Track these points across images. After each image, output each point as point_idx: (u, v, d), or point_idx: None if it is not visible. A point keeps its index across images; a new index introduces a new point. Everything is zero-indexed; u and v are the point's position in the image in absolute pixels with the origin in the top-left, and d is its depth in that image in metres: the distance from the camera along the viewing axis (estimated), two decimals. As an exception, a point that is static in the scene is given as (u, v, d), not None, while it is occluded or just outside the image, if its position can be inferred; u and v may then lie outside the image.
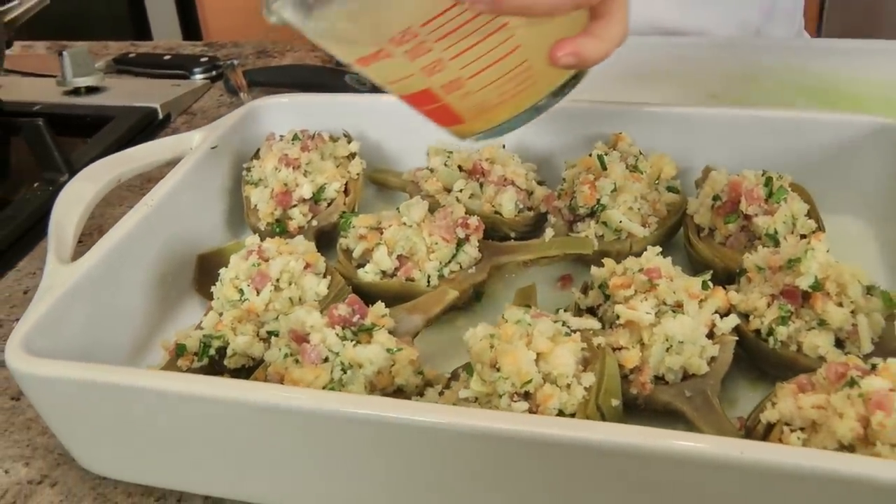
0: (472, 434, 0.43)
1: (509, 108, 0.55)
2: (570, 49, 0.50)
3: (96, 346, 0.59)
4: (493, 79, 0.52)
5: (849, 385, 0.47)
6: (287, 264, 0.60)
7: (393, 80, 0.52)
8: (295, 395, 0.46)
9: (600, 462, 0.43)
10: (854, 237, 0.70)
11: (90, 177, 0.67)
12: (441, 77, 0.51)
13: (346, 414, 0.45)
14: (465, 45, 0.49)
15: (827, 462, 0.41)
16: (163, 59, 1.14)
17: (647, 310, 0.54)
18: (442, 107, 0.54)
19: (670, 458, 0.42)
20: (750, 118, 0.72)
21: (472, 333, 0.51)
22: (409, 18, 0.47)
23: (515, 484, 0.45)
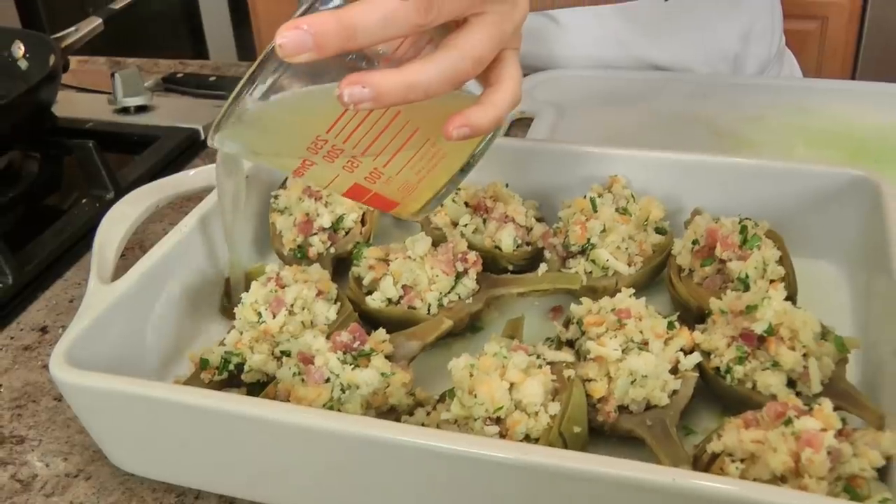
0: (425, 450, 0.51)
1: (432, 182, 0.59)
2: (460, 122, 0.53)
3: (130, 357, 0.67)
4: (405, 162, 0.57)
5: (785, 424, 0.53)
6: (301, 292, 0.67)
7: (326, 183, 0.58)
8: (291, 413, 0.53)
9: (549, 484, 0.49)
10: (827, 282, 0.75)
11: (131, 202, 0.75)
12: (361, 171, 0.56)
13: (333, 430, 0.52)
14: (369, 139, 0.54)
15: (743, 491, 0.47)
16: (208, 80, 1.22)
17: (614, 346, 0.60)
18: (375, 196, 0.59)
19: (613, 482, 0.48)
20: (736, 165, 0.77)
21: (455, 363, 0.58)
22: (313, 129, 0.53)
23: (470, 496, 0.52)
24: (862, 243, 0.73)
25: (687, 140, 0.99)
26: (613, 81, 1.14)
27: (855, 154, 0.94)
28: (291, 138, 0.54)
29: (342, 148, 0.54)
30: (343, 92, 0.49)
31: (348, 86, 0.49)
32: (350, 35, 0.48)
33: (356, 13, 0.48)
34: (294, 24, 0.47)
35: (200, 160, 1.07)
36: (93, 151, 0.94)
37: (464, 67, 0.52)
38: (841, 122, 0.99)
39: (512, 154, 0.83)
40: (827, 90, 1.09)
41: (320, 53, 0.47)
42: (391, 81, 0.49)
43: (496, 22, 0.53)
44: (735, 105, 1.06)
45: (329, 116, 0.52)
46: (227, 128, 0.53)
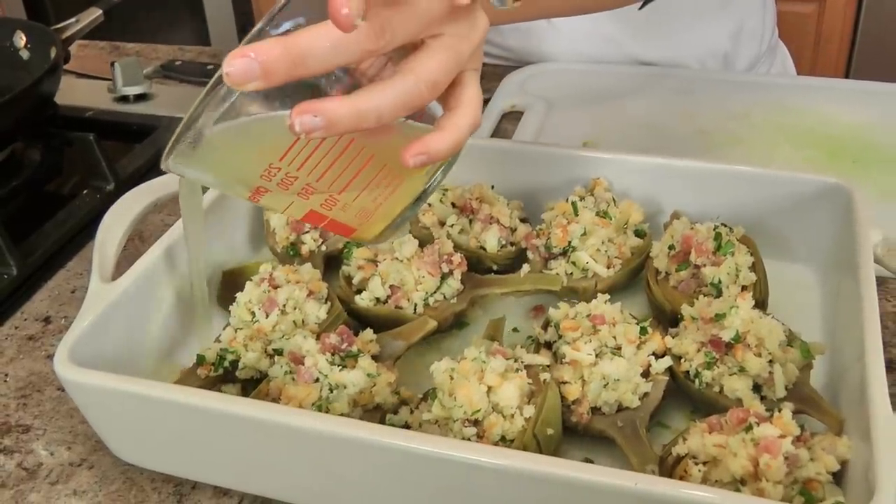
0: (401, 451, 0.55)
1: (389, 209, 0.59)
2: (418, 150, 0.52)
3: (132, 352, 0.70)
4: (361, 188, 0.56)
5: (746, 430, 0.56)
6: (292, 293, 0.70)
7: (283, 208, 0.57)
8: (277, 413, 0.57)
9: (519, 485, 0.53)
10: (800, 285, 0.78)
11: (130, 200, 0.78)
12: (316, 198, 0.56)
13: (317, 430, 0.56)
14: (323, 166, 0.53)
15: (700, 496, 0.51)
16: (206, 69, 1.24)
17: (588, 351, 0.63)
18: (331, 222, 0.58)
19: (580, 486, 0.52)
20: (715, 171, 0.80)
21: (436, 366, 0.62)
22: (266, 157, 0.52)
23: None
24: (834, 249, 0.76)
25: (672, 137, 1.02)
26: (603, 76, 1.16)
27: (834, 154, 0.96)
28: (245, 165, 0.54)
29: (296, 175, 0.53)
30: (294, 121, 0.48)
31: (299, 115, 0.48)
32: (299, 62, 0.46)
33: (304, 40, 0.47)
34: (241, 52, 0.46)
35: (199, 150, 1.09)
36: (93, 144, 0.97)
37: (418, 92, 0.51)
38: (823, 121, 1.02)
39: (498, 155, 0.86)
40: (811, 87, 1.12)
41: (268, 82, 0.46)
42: (342, 109, 0.48)
43: (453, 45, 0.52)
44: (721, 102, 1.08)
45: (282, 144, 0.52)
46: (179, 154, 0.52)
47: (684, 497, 0.50)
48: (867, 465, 0.54)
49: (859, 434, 0.57)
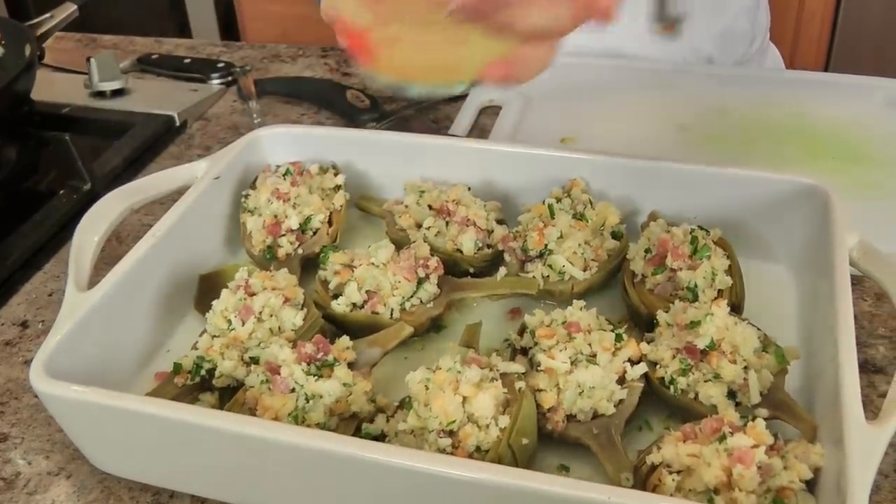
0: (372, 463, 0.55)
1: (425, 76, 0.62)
2: (502, 72, 0.57)
3: (109, 360, 0.70)
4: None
5: (719, 440, 0.57)
6: (268, 300, 0.70)
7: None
8: (250, 426, 0.57)
9: (493, 498, 0.53)
10: (777, 285, 0.78)
11: (105, 208, 0.77)
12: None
13: (289, 442, 0.56)
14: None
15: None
16: (183, 63, 1.23)
17: (563, 359, 0.64)
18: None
19: (554, 499, 0.52)
20: (694, 172, 0.80)
21: (411, 376, 0.62)
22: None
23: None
24: (810, 249, 0.77)
25: (651, 134, 1.02)
26: (581, 70, 1.16)
27: (813, 150, 0.96)
28: None
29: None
30: None
31: None
32: None
33: None
34: None
35: (176, 147, 1.09)
36: (69, 145, 0.96)
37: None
38: (801, 117, 1.02)
39: (475, 156, 0.86)
40: (790, 81, 1.12)
41: None
42: None
43: None
44: (700, 97, 1.08)
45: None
46: None
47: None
48: (840, 472, 0.54)
49: (832, 440, 0.58)
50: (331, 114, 1.13)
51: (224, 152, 0.86)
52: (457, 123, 1.08)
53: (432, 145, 0.87)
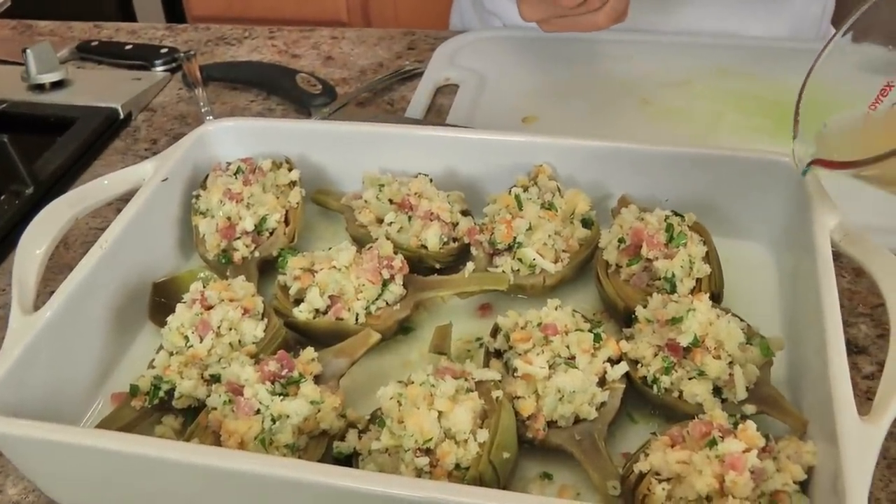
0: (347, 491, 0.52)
1: None
2: None
3: (61, 384, 0.66)
4: None
5: (709, 445, 0.54)
6: (227, 313, 0.66)
7: None
8: (211, 457, 0.54)
9: None
10: (756, 263, 0.76)
11: (48, 219, 0.72)
12: None
13: (251, 472, 0.53)
14: None
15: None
16: (124, 50, 1.18)
17: (541, 364, 0.61)
18: None
19: None
20: (663, 154, 0.77)
21: (383, 391, 0.58)
22: None
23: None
24: (788, 226, 0.74)
25: (615, 111, 0.99)
26: (537, 45, 1.12)
27: (780, 121, 0.94)
28: None
29: None
30: None
31: None
32: None
33: None
34: None
35: (121, 141, 1.03)
36: (7, 146, 0.90)
37: None
38: (765, 86, 0.99)
39: (436, 144, 0.82)
40: (753, 49, 1.08)
41: None
42: None
43: None
44: (660, 69, 1.05)
45: None
46: None
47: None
48: (834, 471, 0.52)
49: (824, 437, 0.55)
50: (281, 99, 1.08)
51: (171, 151, 0.81)
52: (413, 104, 1.04)
53: (391, 134, 0.83)
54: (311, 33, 1.24)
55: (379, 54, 1.18)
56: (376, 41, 1.21)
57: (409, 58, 1.16)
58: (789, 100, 0.96)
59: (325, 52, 1.19)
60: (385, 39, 1.21)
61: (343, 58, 1.17)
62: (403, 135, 0.83)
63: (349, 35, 1.23)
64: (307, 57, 1.18)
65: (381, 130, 0.84)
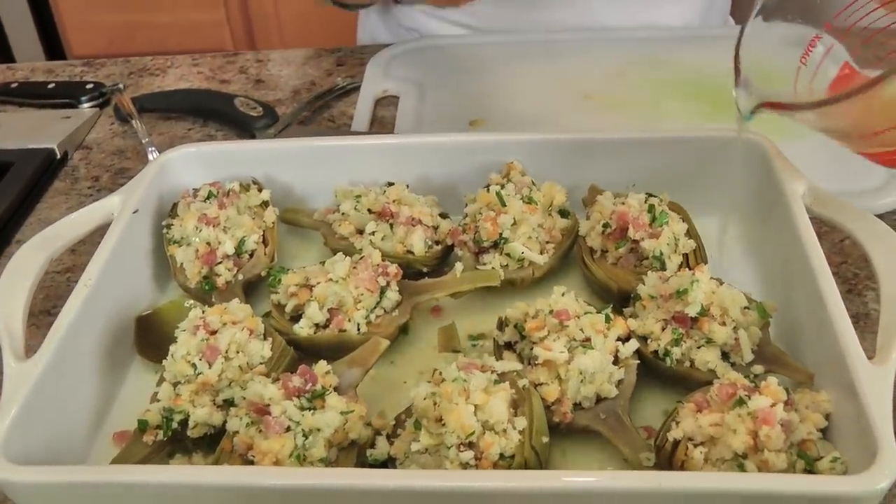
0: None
1: None
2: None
3: (63, 430, 0.64)
4: None
5: (738, 404, 0.57)
6: (234, 336, 0.65)
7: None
8: (269, 477, 0.54)
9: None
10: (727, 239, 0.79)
11: (23, 263, 0.70)
12: None
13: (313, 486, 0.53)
14: None
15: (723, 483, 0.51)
16: (47, 89, 1.14)
17: (560, 349, 0.62)
18: None
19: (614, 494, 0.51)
20: (626, 141, 0.80)
21: (416, 393, 0.59)
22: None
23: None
24: (750, 198, 0.78)
25: (558, 105, 1.01)
26: (469, 50, 1.14)
27: (719, 105, 0.98)
28: None
29: None
30: None
31: None
32: None
33: None
34: None
35: (61, 182, 1.00)
36: (-53, 197, 0.87)
37: None
38: (697, 72, 1.04)
39: (404, 151, 0.83)
40: (676, 39, 1.13)
41: None
42: None
43: None
44: (595, 62, 1.08)
45: None
46: None
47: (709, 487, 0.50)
48: (853, 414, 0.55)
49: (835, 385, 0.59)
50: (220, 125, 1.07)
51: (135, 182, 0.80)
52: (357, 119, 1.04)
53: (360, 146, 0.84)
54: (236, 58, 1.22)
55: (309, 73, 1.17)
56: (303, 61, 1.20)
57: (339, 74, 1.16)
58: (721, 82, 1.00)
59: (254, 76, 1.18)
60: (312, 58, 1.21)
61: (273, 80, 1.17)
62: (373, 145, 0.83)
63: (274, 57, 1.22)
64: (237, 82, 1.17)
65: (351, 143, 0.84)
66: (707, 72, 1.04)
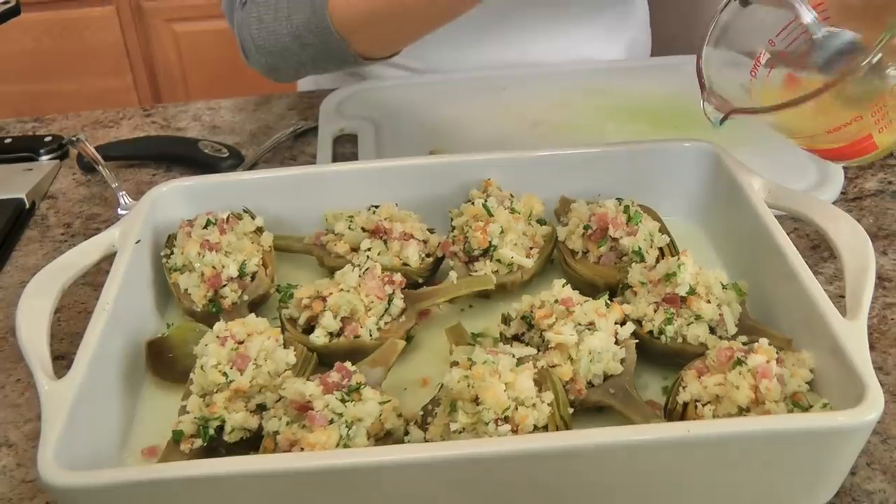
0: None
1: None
2: None
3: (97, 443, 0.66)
4: None
5: (737, 364, 0.64)
6: (263, 343, 0.69)
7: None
8: (349, 454, 0.57)
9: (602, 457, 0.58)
10: (688, 235, 0.87)
11: (40, 293, 0.73)
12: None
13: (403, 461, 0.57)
14: None
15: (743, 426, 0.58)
16: (4, 143, 1.15)
17: (570, 332, 0.68)
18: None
19: (655, 445, 0.57)
20: (591, 154, 0.88)
21: (449, 377, 0.63)
22: None
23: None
24: (707, 199, 0.86)
25: (511, 132, 1.09)
26: (417, 89, 1.21)
27: (655, 124, 1.07)
28: None
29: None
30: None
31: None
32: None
33: None
34: None
35: (32, 231, 1.02)
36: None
37: None
38: (635, 98, 1.13)
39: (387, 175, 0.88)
40: (616, 70, 1.23)
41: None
42: None
43: None
44: (538, 94, 1.16)
45: None
46: None
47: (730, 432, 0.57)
48: (835, 367, 0.63)
49: (816, 344, 0.66)
50: (185, 169, 1.10)
51: (132, 216, 0.83)
52: (320, 156, 1.09)
53: (346, 172, 0.89)
54: (187, 107, 1.26)
55: (262, 118, 1.22)
56: (254, 107, 1.25)
57: (292, 118, 1.21)
58: (654, 105, 1.11)
59: (209, 122, 1.22)
60: (262, 104, 1.26)
61: (228, 125, 1.21)
62: (359, 169, 0.89)
63: (225, 105, 1.26)
64: (193, 129, 1.20)
65: (337, 169, 0.90)
66: (640, 96, 1.13)
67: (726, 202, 0.83)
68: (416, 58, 1.25)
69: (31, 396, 0.79)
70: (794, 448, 0.58)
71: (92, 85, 2.64)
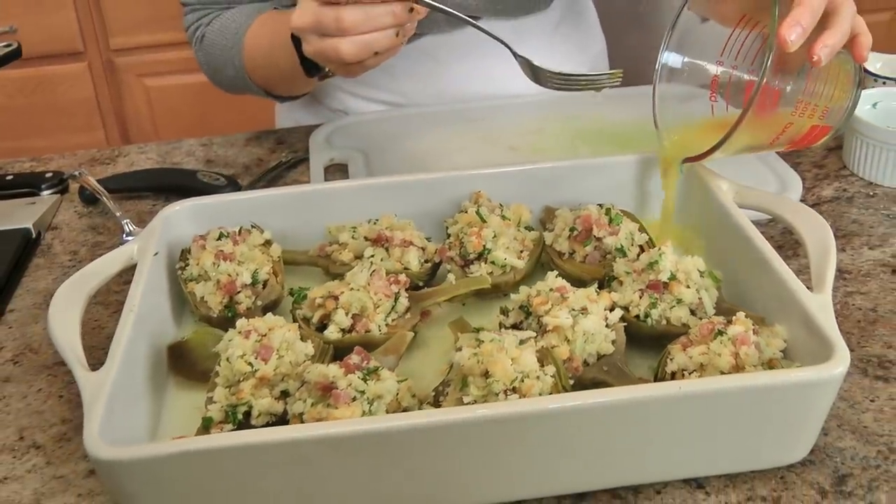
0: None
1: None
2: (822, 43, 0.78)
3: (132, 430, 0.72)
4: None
5: (718, 335, 0.71)
6: (284, 335, 0.74)
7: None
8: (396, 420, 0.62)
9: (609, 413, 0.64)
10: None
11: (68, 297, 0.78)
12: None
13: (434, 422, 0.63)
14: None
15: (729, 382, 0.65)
16: (6, 180, 1.19)
17: (565, 316, 0.75)
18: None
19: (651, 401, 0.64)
20: (571, 167, 0.96)
21: (460, 355, 0.70)
22: None
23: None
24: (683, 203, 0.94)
25: (491, 156, 1.16)
26: (399, 120, 1.28)
27: (624, 145, 1.15)
28: None
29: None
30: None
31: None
32: None
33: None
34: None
35: (40, 259, 1.06)
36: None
37: None
38: (605, 123, 1.21)
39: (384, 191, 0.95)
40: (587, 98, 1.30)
41: None
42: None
43: None
44: (512, 122, 1.24)
45: None
46: None
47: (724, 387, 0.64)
48: (805, 335, 0.70)
49: (787, 318, 0.73)
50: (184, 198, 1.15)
51: (147, 232, 0.89)
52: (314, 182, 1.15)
53: (346, 189, 0.95)
54: (180, 143, 1.32)
55: (254, 151, 1.28)
56: (244, 143, 1.31)
57: (282, 150, 1.28)
58: (625, 130, 1.19)
59: (203, 157, 1.28)
60: (252, 140, 1.32)
61: (222, 159, 1.27)
62: (361, 185, 0.95)
63: (217, 141, 1.32)
64: (188, 163, 1.26)
65: (340, 186, 0.96)
66: (609, 121, 1.22)
67: (699, 205, 0.90)
68: (400, 94, 1.32)
69: (53, 404, 0.83)
70: (772, 403, 0.65)
71: (65, 141, 2.68)
